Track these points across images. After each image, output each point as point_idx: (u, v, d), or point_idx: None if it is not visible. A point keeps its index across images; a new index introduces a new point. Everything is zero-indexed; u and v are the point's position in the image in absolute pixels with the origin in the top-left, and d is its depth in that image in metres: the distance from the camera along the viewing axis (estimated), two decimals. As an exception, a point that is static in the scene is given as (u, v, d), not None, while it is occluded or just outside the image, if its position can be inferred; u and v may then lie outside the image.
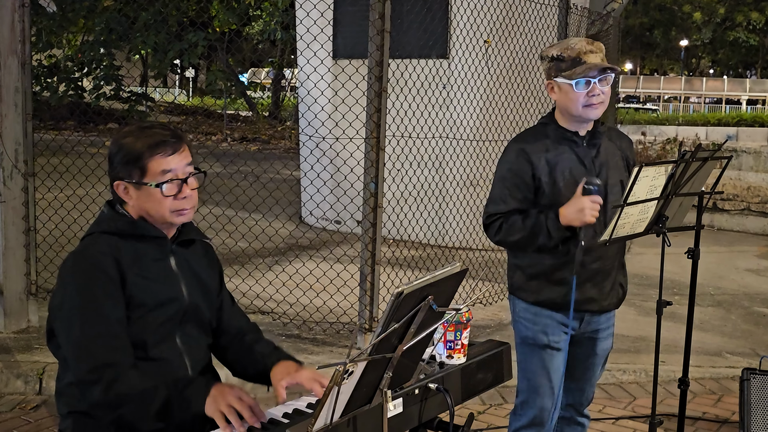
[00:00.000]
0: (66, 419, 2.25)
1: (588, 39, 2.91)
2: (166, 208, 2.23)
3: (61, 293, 2.18)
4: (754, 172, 10.78)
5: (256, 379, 2.42)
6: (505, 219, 2.85)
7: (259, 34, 25.76)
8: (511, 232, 2.84)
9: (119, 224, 2.25)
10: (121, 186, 2.24)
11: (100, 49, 20.82)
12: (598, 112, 2.82)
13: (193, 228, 2.41)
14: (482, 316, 5.88)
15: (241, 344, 2.46)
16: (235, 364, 2.47)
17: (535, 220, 2.80)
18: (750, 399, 4.04)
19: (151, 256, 2.26)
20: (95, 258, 2.17)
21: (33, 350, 4.82)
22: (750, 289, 7.43)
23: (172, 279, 2.28)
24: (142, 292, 2.19)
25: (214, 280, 2.44)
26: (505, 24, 7.71)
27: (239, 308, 2.57)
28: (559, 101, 2.86)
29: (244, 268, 6.55)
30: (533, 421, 3.00)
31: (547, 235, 2.78)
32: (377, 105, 4.79)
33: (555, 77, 2.82)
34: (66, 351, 2.16)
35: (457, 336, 2.35)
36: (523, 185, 2.85)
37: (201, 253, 2.43)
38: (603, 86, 2.79)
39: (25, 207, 5.09)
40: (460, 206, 7.83)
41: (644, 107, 39.99)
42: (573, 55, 2.78)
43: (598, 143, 2.91)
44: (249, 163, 8.51)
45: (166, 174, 2.21)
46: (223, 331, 2.47)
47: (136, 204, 2.25)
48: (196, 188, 2.29)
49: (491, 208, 2.90)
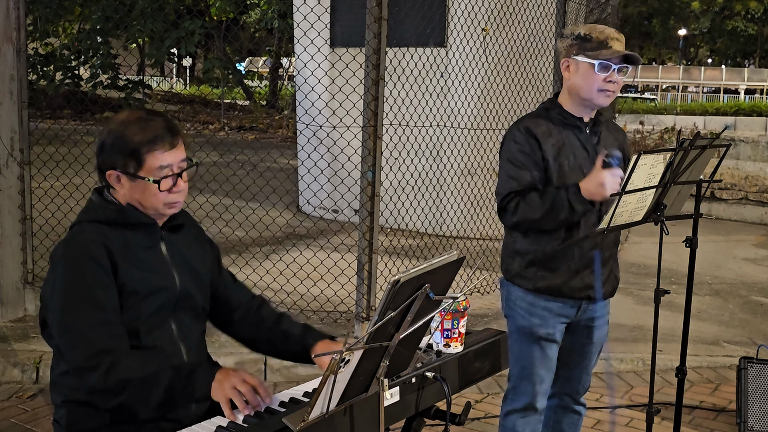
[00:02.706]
0: (60, 409, 2.24)
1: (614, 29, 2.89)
2: (160, 201, 2.22)
3: (52, 283, 2.17)
4: (751, 161, 10.77)
5: (291, 357, 2.45)
6: (522, 197, 2.76)
7: (257, 23, 25.70)
8: (531, 210, 2.74)
9: (108, 212, 2.23)
10: (114, 175, 2.22)
11: (96, 38, 20.77)
12: (608, 100, 2.81)
13: (182, 213, 2.39)
14: (479, 305, 5.88)
15: (260, 320, 2.46)
16: (258, 341, 2.48)
17: (555, 196, 2.73)
18: (747, 388, 4.05)
19: (141, 244, 2.24)
20: (85, 246, 2.16)
21: (30, 339, 4.81)
22: (747, 278, 7.44)
23: (163, 266, 2.27)
24: (134, 281, 2.18)
25: (207, 264, 2.42)
26: (503, 12, 7.68)
27: (241, 283, 2.56)
28: (573, 81, 2.82)
29: (242, 257, 6.54)
30: (525, 406, 3.00)
31: (569, 210, 2.71)
32: (374, 93, 4.77)
33: (576, 55, 2.80)
34: (60, 340, 2.14)
35: (455, 325, 2.34)
36: (533, 163, 2.79)
37: (192, 237, 2.41)
38: (620, 76, 2.78)
39: (21, 196, 5.08)
40: (457, 195, 7.82)
41: (642, 97, 39.94)
42: (602, 38, 2.76)
43: (599, 131, 2.91)
44: (246, 152, 8.47)
45: (162, 170, 2.20)
46: (233, 309, 2.47)
47: (127, 193, 2.24)
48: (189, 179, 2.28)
49: (504, 189, 2.80)
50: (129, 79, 21.76)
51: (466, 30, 7.50)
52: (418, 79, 7.54)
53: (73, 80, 20.67)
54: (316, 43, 7.40)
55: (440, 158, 8.02)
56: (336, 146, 7.53)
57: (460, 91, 7.78)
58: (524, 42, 7.67)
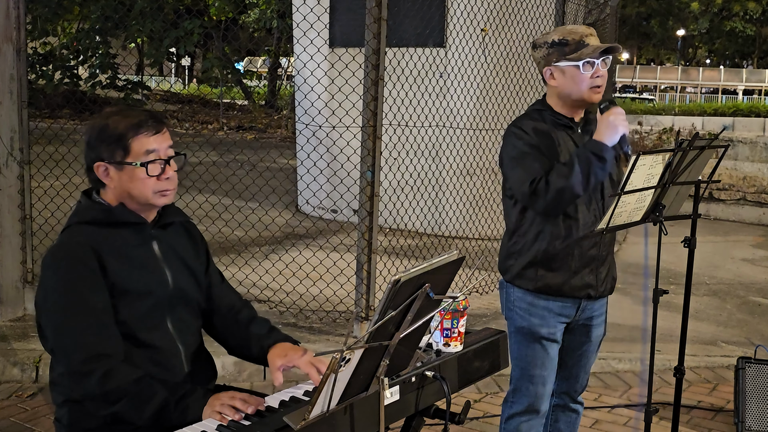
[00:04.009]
0: (62, 408, 2.24)
1: (583, 25, 2.92)
2: (150, 188, 2.21)
3: (43, 288, 2.16)
4: (750, 162, 10.78)
5: (253, 360, 2.41)
6: (546, 176, 2.71)
7: (256, 23, 25.70)
8: (563, 178, 2.68)
9: (95, 213, 2.23)
10: (101, 168, 2.21)
11: (95, 37, 20.76)
12: (599, 96, 2.83)
13: (173, 209, 2.38)
14: (479, 304, 5.89)
15: (236, 323, 2.44)
16: (231, 343, 2.46)
17: (576, 155, 2.70)
18: (745, 388, 4.06)
19: (131, 243, 2.23)
20: (73, 250, 2.15)
21: (29, 338, 4.81)
22: (745, 278, 7.45)
23: (155, 264, 2.26)
24: (125, 280, 2.17)
25: (199, 260, 2.41)
26: (503, 12, 7.69)
27: (229, 285, 2.54)
28: (561, 87, 2.84)
29: (241, 256, 6.55)
30: (527, 409, 3.00)
31: (598, 161, 2.68)
32: (374, 93, 4.78)
33: (557, 62, 2.82)
34: (55, 344, 2.14)
35: (454, 324, 2.35)
36: (542, 156, 2.78)
37: (183, 233, 2.40)
38: (603, 68, 2.81)
39: (21, 195, 5.08)
40: (456, 195, 7.82)
41: (641, 97, 39.92)
42: (577, 38, 2.79)
43: (591, 129, 2.92)
44: (245, 152, 8.49)
45: (149, 154, 2.19)
46: (214, 311, 2.44)
47: (117, 186, 2.22)
48: (177, 170, 2.27)
49: (527, 176, 2.74)
50: (128, 79, 21.76)
51: (466, 30, 7.51)
52: (417, 79, 7.54)
53: (72, 80, 20.66)
54: (316, 43, 7.41)
55: (439, 158, 8.03)
56: (335, 146, 7.54)
57: (459, 91, 7.79)
58: (523, 42, 7.68)
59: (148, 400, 2.06)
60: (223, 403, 2.05)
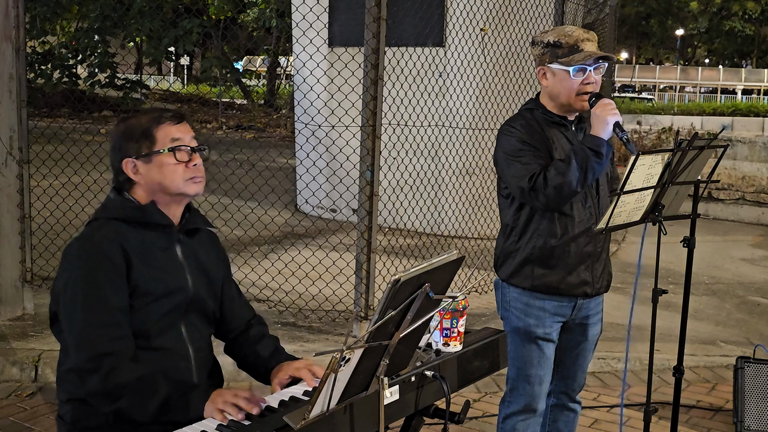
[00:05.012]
0: (65, 405, 2.24)
1: (583, 28, 2.91)
2: (180, 176, 2.23)
3: (65, 277, 2.16)
4: (749, 161, 10.79)
5: (256, 377, 2.45)
6: (545, 170, 2.72)
7: (255, 22, 25.68)
8: (560, 173, 2.68)
9: (127, 210, 2.23)
10: (129, 164, 2.23)
11: (94, 36, 20.76)
12: (586, 104, 2.83)
13: (199, 216, 2.41)
14: (478, 304, 5.89)
15: (246, 340, 2.47)
16: (238, 356, 2.49)
17: (572, 151, 2.71)
18: (744, 387, 4.07)
19: (157, 245, 2.25)
20: (101, 244, 2.15)
21: (29, 338, 4.81)
22: (744, 278, 7.45)
23: (177, 268, 2.28)
24: (148, 281, 2.18)
25: (219, 270, 2.43)
26: (502, 12, 7.69)
27: (245, 300, 2.56)
28: (551, 88, 2.85)
29: (240, 256, 6.55)
30: (524, 408, 3.00)
31: (595, 156, 2.69)
32: (373, 93, 4.78)
33: (549, 63, 2.82)
34: (68, 337, 2.15)
35: (454, 324, 2.35)
36: (538, 153, 2.78)
37: (207, 242, 2.43)
38: (596, 74, 2.81)
39: (20, 194, 5.08)
40: (455, 195, 7.83)
41: (640, 97, 39.95)
42: (571, 42, 2.78)
43: (585, 127, 2.93)
44: (244, 151, 8.48)
45: (174, 141, 2.24)
46: (229, 325, 2.47)
47: (147, 181, 2.24)
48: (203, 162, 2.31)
49: (525, 172, 2.74)
50: (127, 78, 21.76)
51: (465, 30, 7.51)
52: (416, 78, 7.55)
53: (71, 79, 20.66)
54: (315, 42, 7.41)
55: (439, 158, 8.03)
56: (334, 146, 7.54)
57: (458, 90, 7.79)
58: (523, 42, 7.68)
59: (151, 395, 2.07)
60: (225, 400, 2.05)
